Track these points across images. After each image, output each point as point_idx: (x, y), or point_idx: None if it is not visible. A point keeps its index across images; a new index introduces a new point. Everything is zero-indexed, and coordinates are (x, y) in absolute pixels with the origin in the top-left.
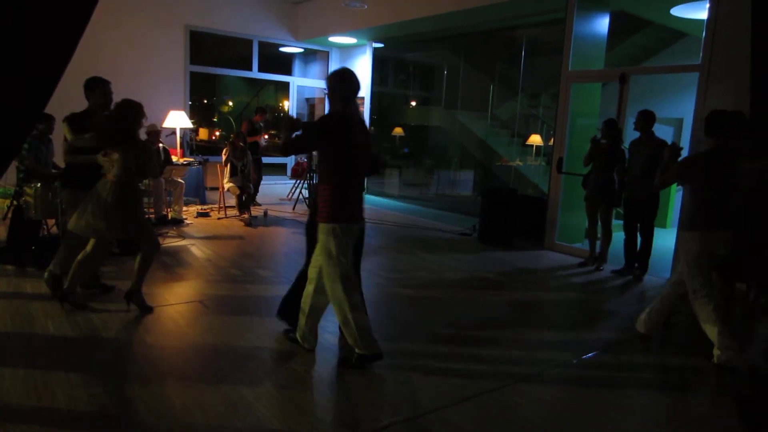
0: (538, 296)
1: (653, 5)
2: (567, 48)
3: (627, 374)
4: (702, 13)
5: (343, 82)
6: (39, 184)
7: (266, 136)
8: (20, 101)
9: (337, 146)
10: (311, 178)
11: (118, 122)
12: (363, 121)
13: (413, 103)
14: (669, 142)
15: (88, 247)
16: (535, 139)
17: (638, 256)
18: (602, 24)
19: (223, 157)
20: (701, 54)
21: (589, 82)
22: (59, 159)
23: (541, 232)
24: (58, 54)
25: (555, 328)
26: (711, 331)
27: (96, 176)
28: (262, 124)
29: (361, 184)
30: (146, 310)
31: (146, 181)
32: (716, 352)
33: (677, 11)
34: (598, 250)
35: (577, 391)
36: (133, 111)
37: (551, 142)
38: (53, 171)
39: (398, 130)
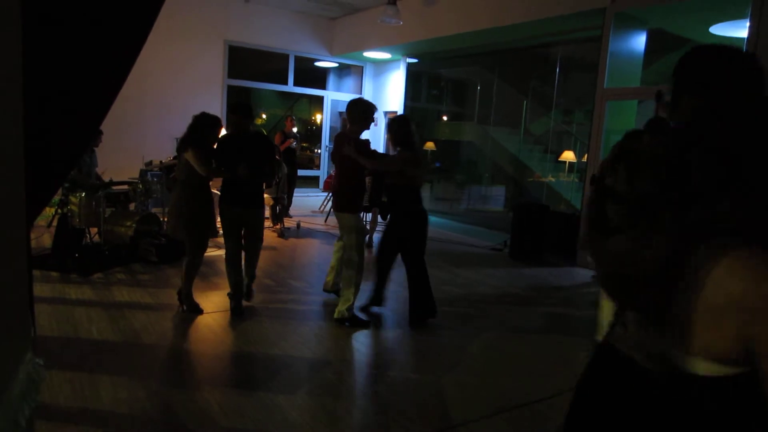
0: (570, 312)
1: (692, 23)
2: (602, 65)
3: None
4: (742, 32)
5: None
6: (83, 194)
7: (293, 142)
8: (81, 116)
9: None
10: None
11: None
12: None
13: (445, 118)
14: None
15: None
16: (568, 156)
17: None
18: (639, 42)
19: None
20: None
21: (624, 100)
22: (101, 170)
23: (573, 248)
24: (115, 73)
25: (587, 344)
26: None
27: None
28: (295, 130)
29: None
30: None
31: None
32: None
33: (717, 29)
34: None
35: None
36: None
37: (584, 159)
38: (96, 182)
39: (430, 145)
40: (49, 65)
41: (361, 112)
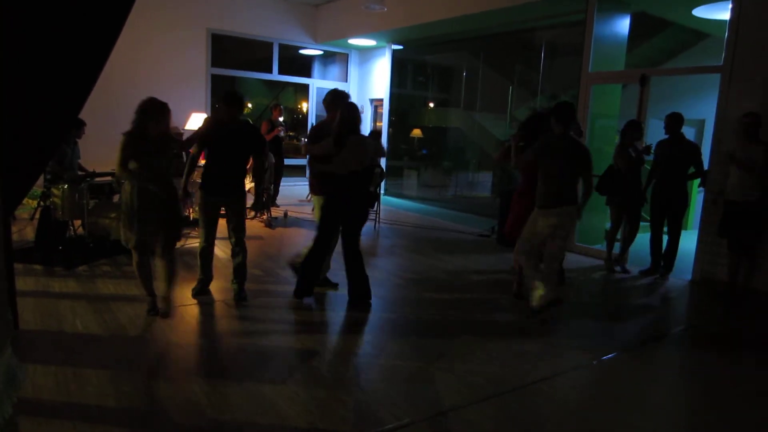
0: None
1: (675, 6)
2: (587, 49)
3: (646, 375)
4: (725, 14)
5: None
6: (66, 186)
7: (281, 131)
8: (57, 106)
9: None
10: None
11: None
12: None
13: (431, 105)
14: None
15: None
16: None
17: (665, 255)
18: (623, 25)
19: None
20: (723, 55)
21: (609, 84)
22: (85, 161)
23: None
24: (93, 61)
25: (576, 329)
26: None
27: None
28: (281, 119)
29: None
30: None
31: None
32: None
33: (699, 12)
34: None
35: (596, 392)
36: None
37: None
38: (79, 173)
39: (417, 132)
40: (22, 56)
41: (328, 101)
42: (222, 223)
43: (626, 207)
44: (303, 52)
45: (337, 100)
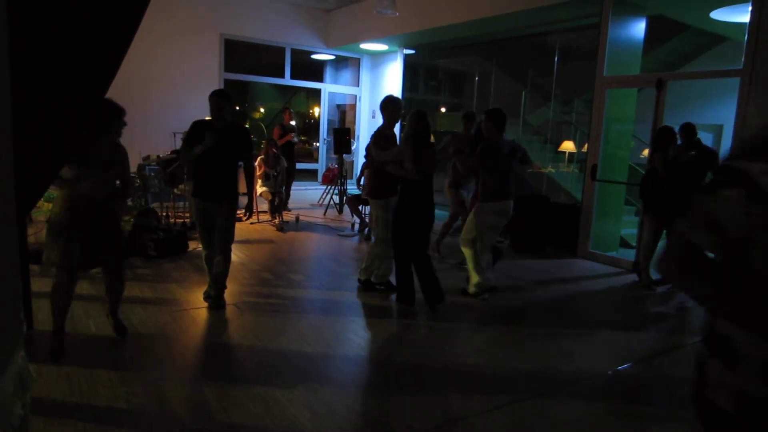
0: (574, 305)
1: (692, 9)
2: (602, 53)
3: (662, 386)
4: (744, 16)
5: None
6: None
7: (293, 136)
8: (73, 108)
9: None
10: (342, 184)
11: None
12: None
13: (443, 110)
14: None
15: None
16: (568, 146)
17: None
18: (638, 28)
19: (258, 169)
20: (743, 58)
21: (624, 88)
22: None
23: (573, 240)
24: (107, 65)
25: (590, 338)
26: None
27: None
28: (293, 123)
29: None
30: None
31: (182, 186)
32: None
33: (717, 14)
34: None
35: (610, 402)
36: None
37: (584, 149)
38: None
39: None
40: (37, 61)
41: (382, 108)
42: None
43: (661, 216)
44: (315, 56)
45: (389, 109)
